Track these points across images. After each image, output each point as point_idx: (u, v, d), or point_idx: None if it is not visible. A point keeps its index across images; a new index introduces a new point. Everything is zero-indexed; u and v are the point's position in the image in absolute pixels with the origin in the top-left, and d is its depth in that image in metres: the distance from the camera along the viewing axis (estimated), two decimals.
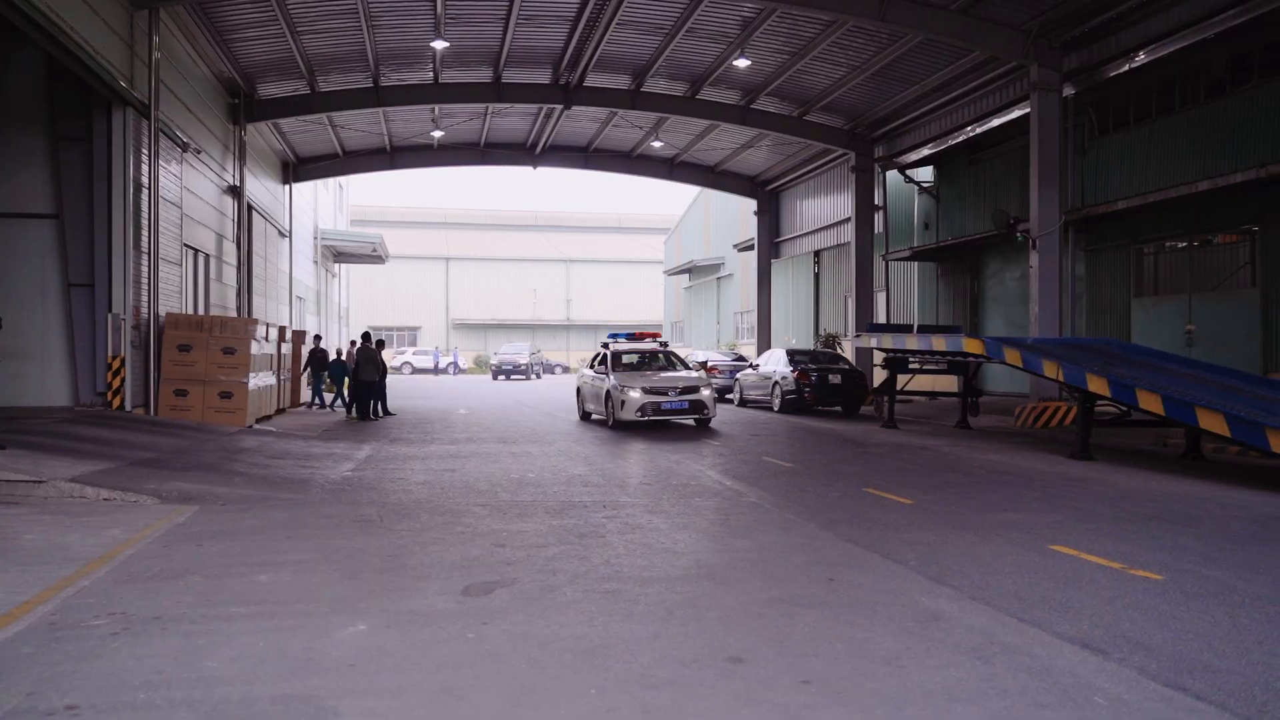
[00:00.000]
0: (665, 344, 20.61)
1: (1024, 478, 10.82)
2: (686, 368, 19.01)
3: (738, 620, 5.03)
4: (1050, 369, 13.03)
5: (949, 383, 21.09)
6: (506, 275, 71.70)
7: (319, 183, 35.33)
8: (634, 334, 20.39)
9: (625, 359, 18.91)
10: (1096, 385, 12.09)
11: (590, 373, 19.52)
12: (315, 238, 35.58)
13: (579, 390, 20.16)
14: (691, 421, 17.80)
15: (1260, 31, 15.52)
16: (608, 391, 17.50)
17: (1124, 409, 12.66)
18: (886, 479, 10.63)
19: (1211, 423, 10.44)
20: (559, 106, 24.52)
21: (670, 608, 5.27)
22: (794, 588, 5.77)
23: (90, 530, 7.25)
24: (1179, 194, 16.64)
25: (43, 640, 4.59)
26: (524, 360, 48.04)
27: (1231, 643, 4.65)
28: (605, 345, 19.24)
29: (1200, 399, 10.98)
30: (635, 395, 16.74)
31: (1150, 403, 11.31)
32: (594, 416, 19.29)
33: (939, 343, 16.14)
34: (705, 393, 17.12)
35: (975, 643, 4.64)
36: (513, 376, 47.42)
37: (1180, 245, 18.27)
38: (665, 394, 16.87)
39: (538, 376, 48.44)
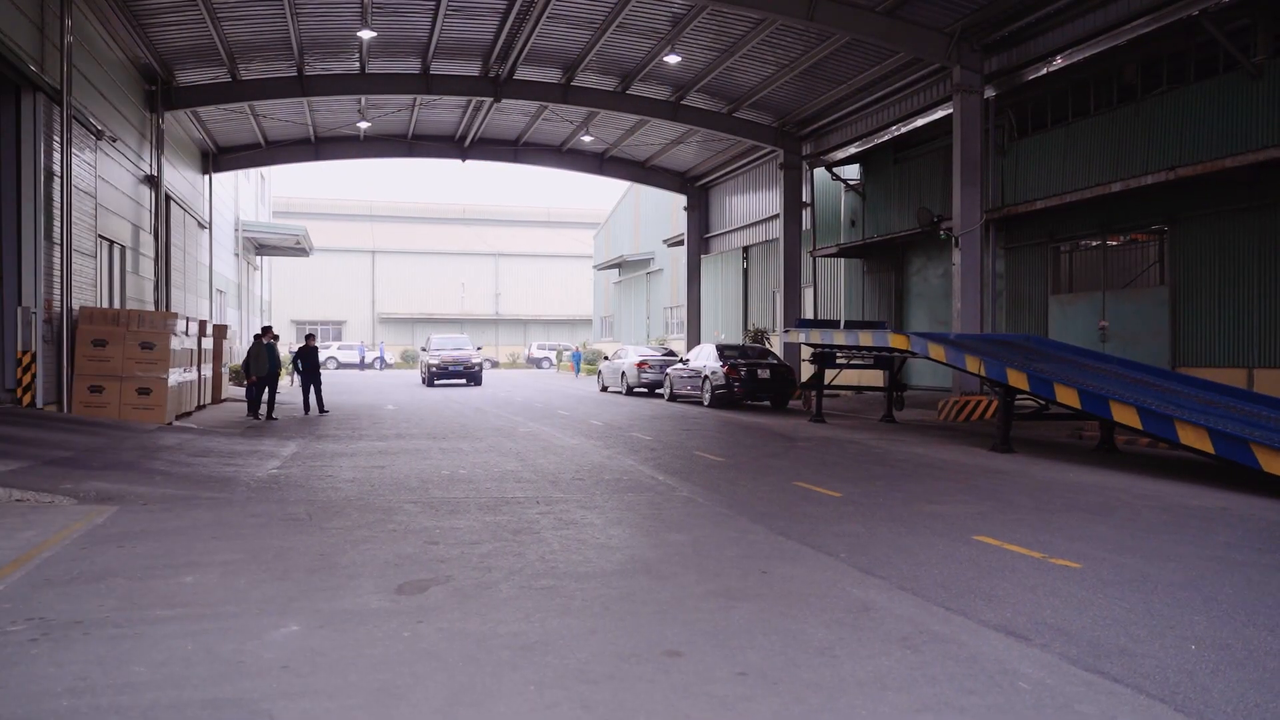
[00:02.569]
0: None
1: (948, 470, 11.09)
2: None
3: (674, 614, 5.07)
4: (973, 364, 13.37)
5: (875, 377, 21.49)
6: (434, 269, 70.88)
7: (240, 173, 34.49)
8: None
9: None
10: (1017, 380, 12.45)
11: None
12: (236, 229, 34.72)
13: None
14: None
15: (1169, 40, 16.12)
16: None
17: (1043, 403, 13.06)
18: (816, 472, 10.79)
19: (1125, 416, 10.84)
20: (488, 99, 24.32)
21: (606, 603, 5.29)
22: (728, 581, 5.84)
23: (3, 533, 6.98)
24: (1094, 194, 17.21)
25: None
26: (475, 359, 35.56)
27: (1146, 628, 4.85)
28: None
29: (1114, 393, 11.39)
30: None
31: (1067, 396, 11.69)
32: None
33: (866, 338, 16.45)
34: None
35: (905, 632, 4.76)
36: (455, 381, 35.24)
37: (1094, 244, 18.90)
38: None
39: (476, 383, 35.30)
